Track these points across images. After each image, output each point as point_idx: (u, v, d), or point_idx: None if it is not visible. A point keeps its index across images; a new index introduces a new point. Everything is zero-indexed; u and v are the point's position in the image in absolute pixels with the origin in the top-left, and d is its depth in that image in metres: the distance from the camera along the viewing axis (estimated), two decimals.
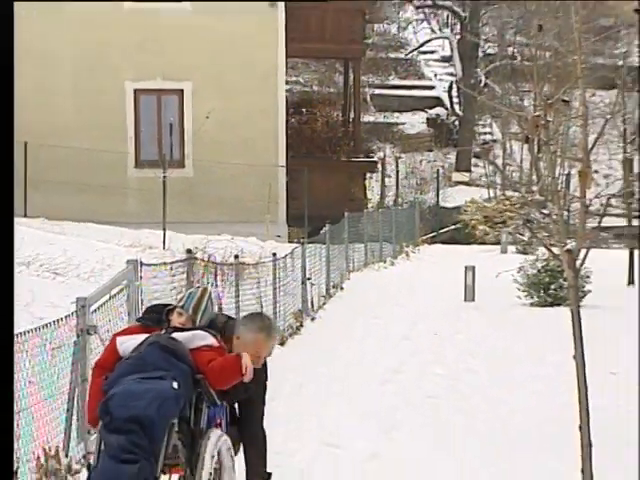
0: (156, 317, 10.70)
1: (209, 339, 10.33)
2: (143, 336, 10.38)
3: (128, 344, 10.35)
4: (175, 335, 10.27)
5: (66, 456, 11.28)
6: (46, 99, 42.31)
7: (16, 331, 12.25)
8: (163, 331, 10.31)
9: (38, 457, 11.66)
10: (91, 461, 10.40)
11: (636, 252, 36.63)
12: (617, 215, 39.38)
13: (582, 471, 9.19)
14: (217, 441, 9.98)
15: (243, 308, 20.20)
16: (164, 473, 9.82)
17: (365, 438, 14.39)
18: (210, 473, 9.82)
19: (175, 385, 9.89)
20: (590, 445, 9.21)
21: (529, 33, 51.57)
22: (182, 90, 44.70)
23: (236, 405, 11.63)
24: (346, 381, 18.17)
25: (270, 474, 10.62)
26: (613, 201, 38.77)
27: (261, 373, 10.95)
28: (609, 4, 58.12)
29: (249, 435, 11.34)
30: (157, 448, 9.67)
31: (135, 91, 44.19)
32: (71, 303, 12.75)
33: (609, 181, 45.25)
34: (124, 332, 10.86)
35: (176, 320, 10.48)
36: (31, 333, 12.55)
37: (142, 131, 43.23)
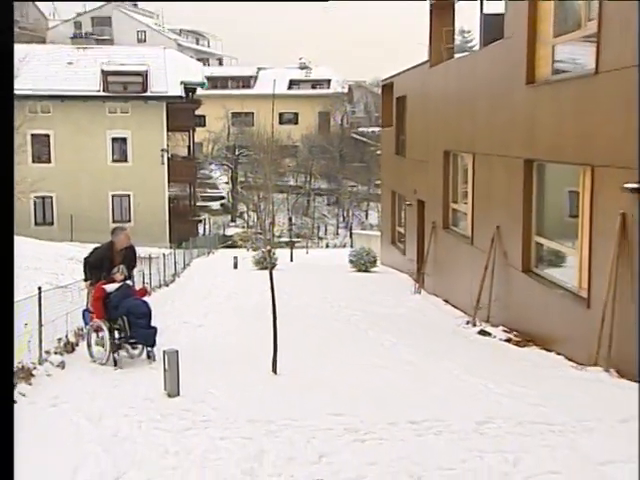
0: (109, 277, 9.74)
1: (130, 283, 10.10)
2: (116, 285, 9.68)
3: (109, 287, 9.58)
4: (128, 283, 9.91)
5: (85, 328, 10.18)
6: (78, 197, 39.47)
7: (64, 283, 12.03)
8: (121, 283, 9.80)
9: (75, 331, 10.50)
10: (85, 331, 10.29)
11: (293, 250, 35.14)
12: (285, 237, 39.85)
13: (273, 328, 8.66)
14: None
15: (152, 274, 18.85)
16: None
17: (197, 318, 13.43)
18: None
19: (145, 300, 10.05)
20: (275, 316, 8.56)
21: (255, 172, 50.18)
22: (129, 195, 41.26)
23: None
24: (189, 298, 16.93)
25: (155, 327, 9.78)
26: (284, 231, 39.57)
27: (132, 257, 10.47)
28: (282, 163, 55.89)
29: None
30: (149, 322, 9.70)
31: (112, 195, 41.26)
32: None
33: (284, 224, 44.05)
34: (102, 284, 9.62)
35: (119, 277, 9.72)
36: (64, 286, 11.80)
37: (115, 210, 40.67)
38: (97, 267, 9.93)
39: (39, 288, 9.52)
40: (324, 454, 6.14)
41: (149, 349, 9.70)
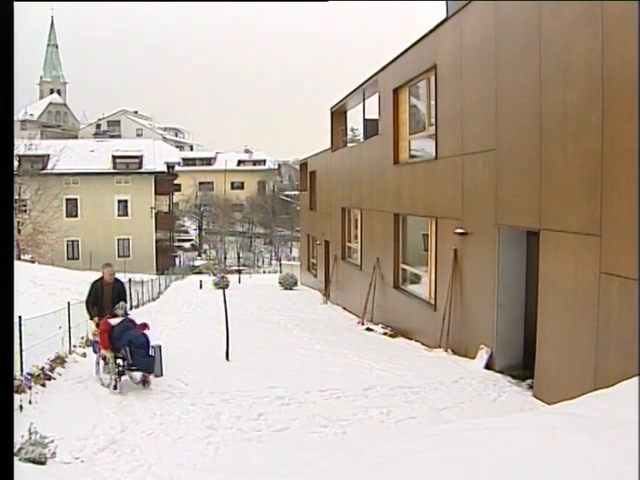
0: (113, 312, 7.66)
1: (132, 318, 7.86)
2: (118, 319, 7.63)
3: (113, 321, 7.53)
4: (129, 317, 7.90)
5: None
6: (95, 240, 38.40)
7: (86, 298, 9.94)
8: (123, 317, 7.70)
9: (92, 332, 8.21)
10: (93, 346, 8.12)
11: (241, 275, 32.08)
12: (235, 267, 36.90)
13: (226, 328, 7.83)
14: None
15: (145, 292, 17.80)
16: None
17: (174, 323, 12.53)
18: None
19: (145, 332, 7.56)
20: (227, 320, 7.96)
21: (214, 222, 47.98)
22: (129, 238, 40.03)
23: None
24: (173, 306, 15.91)
25: (153, 356, 7.48)
26: (234, 262, 36.94)
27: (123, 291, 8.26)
28: (232, 216, 51.67)
29: None
30: (147, 351, 7.28)
31: (118, 239, 40.01)
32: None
33: (234, 258, 41.98)
34: (107, 318, 7.63)
35: (120, 312, 7.62)
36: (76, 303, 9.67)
37: (119, 249, 39.55)
38: (95, 302, 8.03)
39: (68, 303, 9.41)
40: (262, 413, 6.16)
41: (146, 375, 7.53)
